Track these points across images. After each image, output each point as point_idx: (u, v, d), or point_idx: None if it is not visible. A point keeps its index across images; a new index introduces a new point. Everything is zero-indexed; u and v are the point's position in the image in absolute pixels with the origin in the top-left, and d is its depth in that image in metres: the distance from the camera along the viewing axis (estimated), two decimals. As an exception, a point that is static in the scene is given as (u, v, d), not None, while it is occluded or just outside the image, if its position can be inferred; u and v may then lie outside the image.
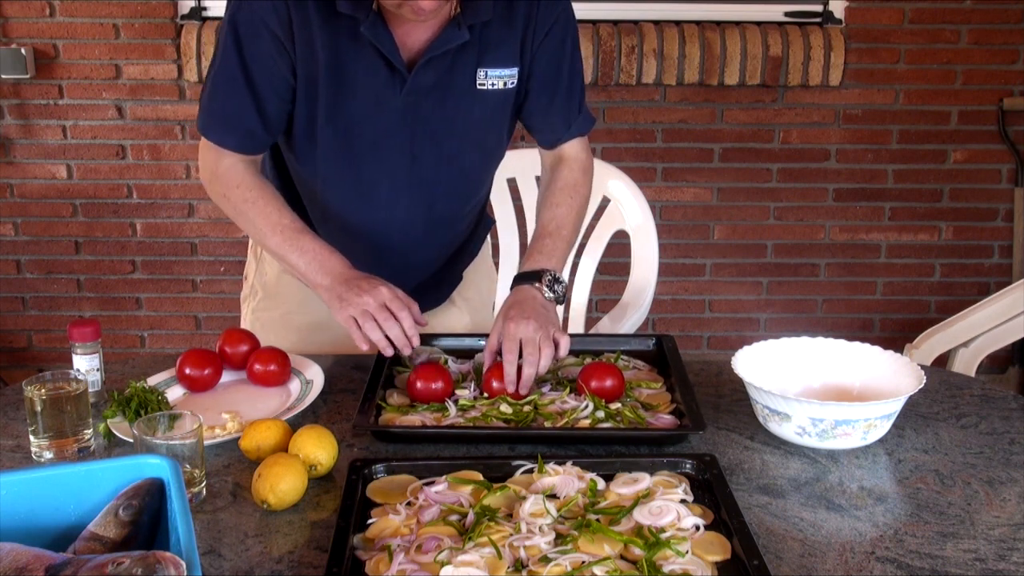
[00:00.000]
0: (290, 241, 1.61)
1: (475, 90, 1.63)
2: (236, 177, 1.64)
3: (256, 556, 1.15)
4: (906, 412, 1.44)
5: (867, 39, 3.27)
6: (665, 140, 3.35)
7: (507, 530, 1.12)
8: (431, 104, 1.62)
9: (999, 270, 3.48)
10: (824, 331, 1.61)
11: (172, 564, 0.86)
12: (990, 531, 1.19)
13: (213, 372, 1.58)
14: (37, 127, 3.32)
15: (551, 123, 1.76)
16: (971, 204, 3.42)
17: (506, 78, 1.64)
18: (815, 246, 3.45)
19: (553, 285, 1.62)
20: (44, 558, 0.91)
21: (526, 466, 1.28)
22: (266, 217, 1.63)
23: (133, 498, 0.99)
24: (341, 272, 1.58)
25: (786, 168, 3.38)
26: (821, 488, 1.29)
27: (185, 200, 3.39)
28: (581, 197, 1.76)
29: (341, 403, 1.54)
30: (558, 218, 1.72)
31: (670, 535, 1.12)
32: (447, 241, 1.83)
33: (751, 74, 3.23)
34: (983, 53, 3.29)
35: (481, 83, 1.63)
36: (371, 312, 1.52)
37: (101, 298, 3.48)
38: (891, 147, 3.37)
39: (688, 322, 3.52)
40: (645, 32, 3.20)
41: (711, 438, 1.43)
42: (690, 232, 3.43)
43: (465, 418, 1.45)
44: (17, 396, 1.51)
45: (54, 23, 3.24)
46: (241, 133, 1.63)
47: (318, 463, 1.29)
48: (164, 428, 1.26)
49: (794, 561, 1.13)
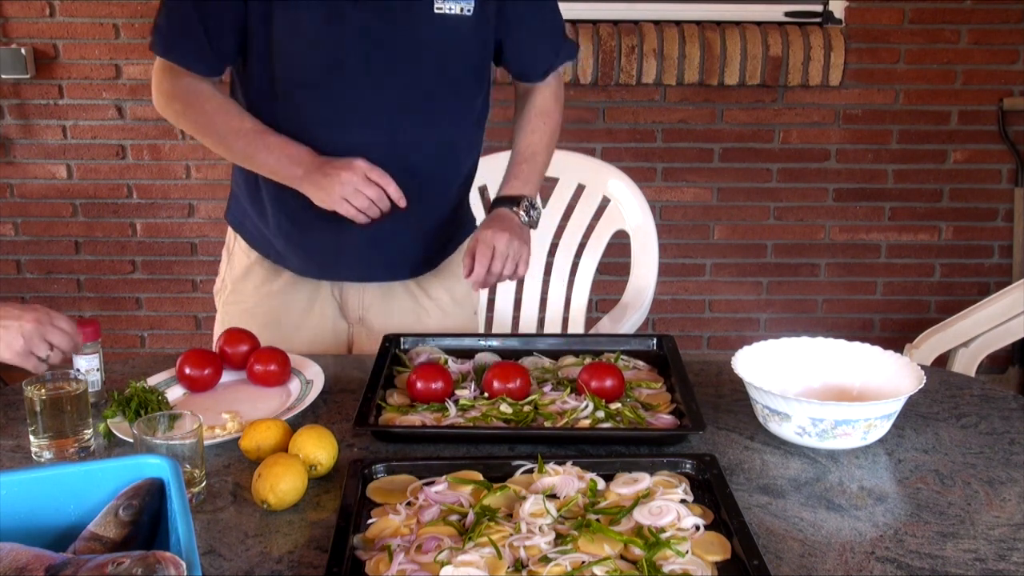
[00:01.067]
0: (255, 142, 1.65)
1: (432, 14, 1.64)
2: (195, 92, 1.67)
3: (256, 556, 1.15)
4: (906, 412, 1.44)
5: (867, 39, 3.27)
6: (665, 140, 3.35)
7: (507, 530, 1.12)
8: (387, 24, 1.62)
9: (999, 270, 3.48)
10: (824, 331, 1.61)
11: (172, 564, 0.86)
12: (990, 531, 1.19)
13: (213, 372, 1.58)
14: (37, 127, 3.32)
15: (538, 53, 1.80)
16: (971, 204, 3.43)
17: (462, 4, 1.66)
18: (815, 246, 3.45)
19: (529, 210, 1.77)
20: (44, 558, 0.91)
21: (526, 466, 1.28)
22: (228, 124, 1.66)
23: (133, 498, 0.99)
24: (311, 160, 1.62)
25: (786, 168, 3.38)
26: (821, 488, 1.29)
27: (185, 200, 3.39)
28: (554, 123, 1.86)
29: (341, 403, 1.54)
30: (534, 144, 1.83)
31: (670, 535, 1.12)
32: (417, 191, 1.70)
33: (751, 74, 3.23)
34: (983, 53, 3.29)
35: (439, 7, 1.64)
36: (358, 188, 1.58)
37: (101, 298, 3.48)
38: (891, 147, 3.37)
39: (688, 322, 3.52)
40: (645, 32, 3.20)
41: (711, 438, 1.42)
42: (690, 232, 3.43)
43: (465, 418, 1.45)
44: (17, 396, 1.50)
45: (54, 23, 3.24)
46: (197, 50, 1.64)
47: (318, 463, 1.29)
48: (164, 428, 1.26)
49: (794, 561, 1.13)
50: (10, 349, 1.34)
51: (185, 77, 1.66)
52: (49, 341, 1.36)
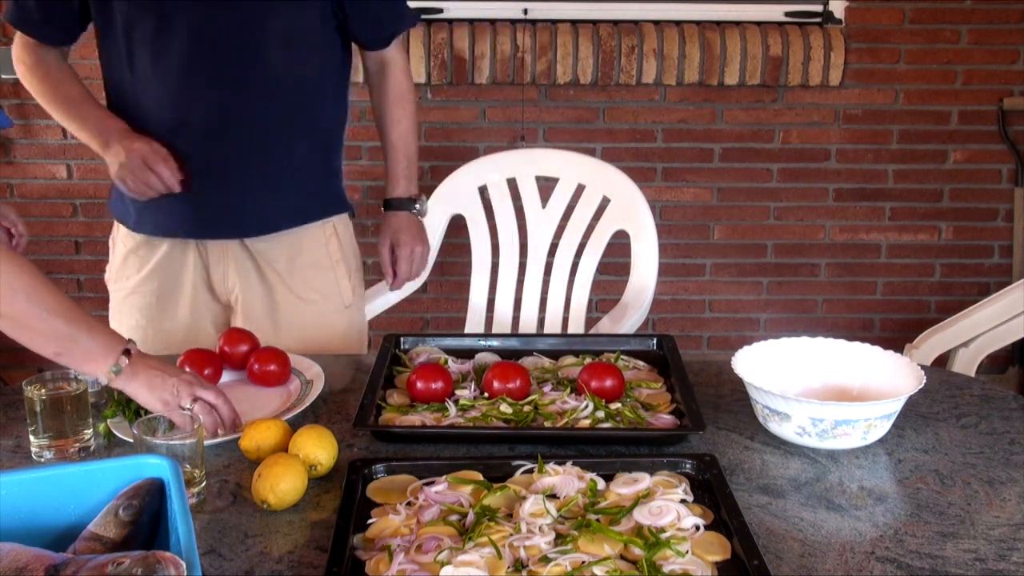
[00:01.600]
0: (78, 110, 1.78)
1: None
2: (44, 63, 1.82)
3: (256, 556, 1.15)
4: (906, 412, 1.44)
5: (867, 39, 3.27)
6: (665, 140, 3.35)
7: (507, 530, 1.12)
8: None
9: (999, 270, 3.48)
10: (824, 331, 1.61)
11: (172, 564, 0.86)
12: (990, 531, 1.19)
13: (213, 372, 1.58)
14: (37, 127, 3.32)
15: (376, 18, 1.87)
16: (971, 204, 3.42)
17: None
18: (815, 246, 3.45)
19: (422, 208, 2.00)
20: (44, 558, 0.91)
21: (526, 466, 1.28)
22: (64, 92, 1.80)
23: (133, 498, 0.99)
24: (112, 134, 1.72)
25: (786, 168, 3.38)
26: (821, 488, 1.29)
27: (185, 200, 3.39)
28: (412, 106, 1.99)
29: (341, 403, 1.54)
30: (405, 136, 1.98)
31: (670, 535, 1.12)
32: (261, 150, 1.81)
33: (751, 74, 3.23)
34: (983, 53, 3.29)
35: None
36: (133, 171, 1.68)
37: (101, 298, 3.47)
38: (891, 147, 3.37)
39: (688, 322, 3.52)
40: (645, 32, 3.20)
41: (711, 438, 1.43)
42: (690, 232, 3.43)
43: (465, 418, 1.45)
44: (17, 396, 1.51)
45: (54, 23, 3.23)
46: (43, 21, 1.78)
47: (318, 463, 1.29)
48: (164, 428, 1.26)
49: (794, 561, 1.13)
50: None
51: (38, 48, 1.81)
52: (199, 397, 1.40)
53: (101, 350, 1.36)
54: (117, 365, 1.35)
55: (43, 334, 1.32)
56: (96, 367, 1.35)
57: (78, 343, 1.34)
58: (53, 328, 1.32)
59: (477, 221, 2.36)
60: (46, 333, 1.32)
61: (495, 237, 2.37)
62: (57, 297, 1.33)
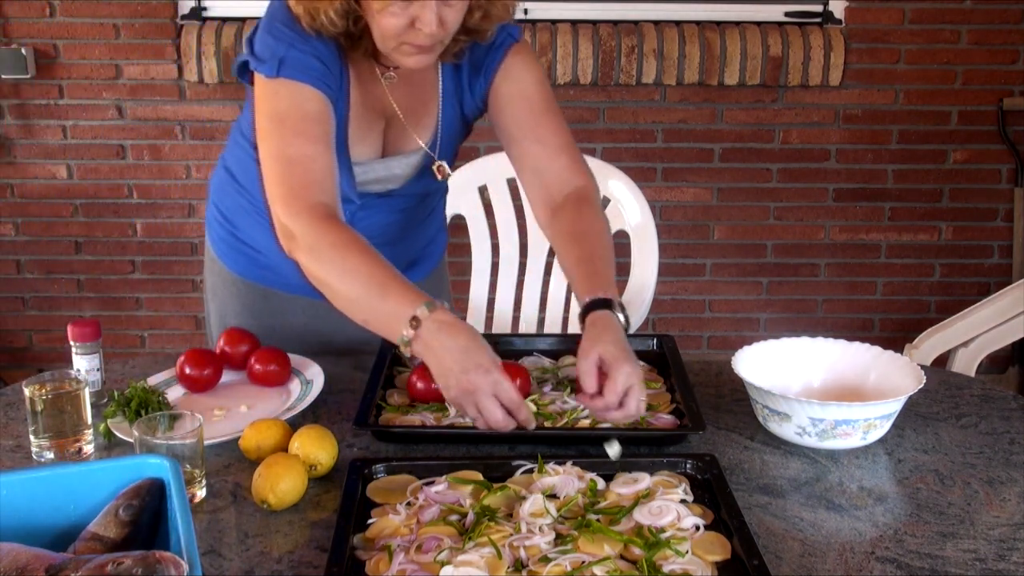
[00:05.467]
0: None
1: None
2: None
3: (256, 556, 1.15)
4: (906, 412, 1.44)
5: (867, 39, 3.27)
6: (665, 140, 3.35)
7: (507, 530, 1.12)
8: None
9: (999, 270, 3.48)
10: (824, 331, 1.61)
11: (172, 564, 0.86)
12: (990, 531, 1.19)
13: (213, 372, 1.58)
14: (37, 127, 3.32)
15: None
16: (971, 204, 3.43)
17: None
18: (815, 246, 3.45)
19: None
20: (44, 558, 0.91)
21: (526, 466, 1.28)
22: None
23: (133, 498, 0.99)
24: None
25: (786, 168, 3.38)
26: (821, 488, 1.29)
27: (185, 200, 3.39)
28: None
29: (341, 403, 1.54)
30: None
31: (670, 535, 1.12)
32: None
33: (751, 74, 3.23)
34: (983, 53, 3.29)
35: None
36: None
37: (101, 298, 3.49)
38: (891, 147, 3.37)
39: (688, 322, 3.52)
40: (645, 32, 3.20)
41: (711, 438, 1.42)
42: (690, 232, 3.43)
43: (465, 418, 1.44)
44: (17, 396, 1.51)
45: (54, 23, 3.24)
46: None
47: (318, 463, 1.29)
48: (164, 428, 1.26)
49: (794, 561, 1.13)
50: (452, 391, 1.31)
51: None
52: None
53: (393, 317, 1.29)
54: (403, 336, 1.28)
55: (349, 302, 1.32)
56: (393, 337, 1.31)
57: (375, 309, 1.31)
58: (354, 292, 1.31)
59: (477, 221, 2.35)
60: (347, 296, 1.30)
61: (495, 237, 2.36)
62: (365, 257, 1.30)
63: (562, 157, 1.61)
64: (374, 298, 1.35)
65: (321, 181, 1.44)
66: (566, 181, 1.61)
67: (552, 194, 1.61)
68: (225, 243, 1.80)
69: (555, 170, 1.61)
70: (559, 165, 1.61)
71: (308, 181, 1.43)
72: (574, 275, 1.53)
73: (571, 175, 1.61)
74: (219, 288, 1.84)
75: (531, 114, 1.62)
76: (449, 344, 1.30)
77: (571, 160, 1.62)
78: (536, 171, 1.63)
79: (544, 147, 1.61)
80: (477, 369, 1.29)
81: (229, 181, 1.75)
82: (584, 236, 1.56)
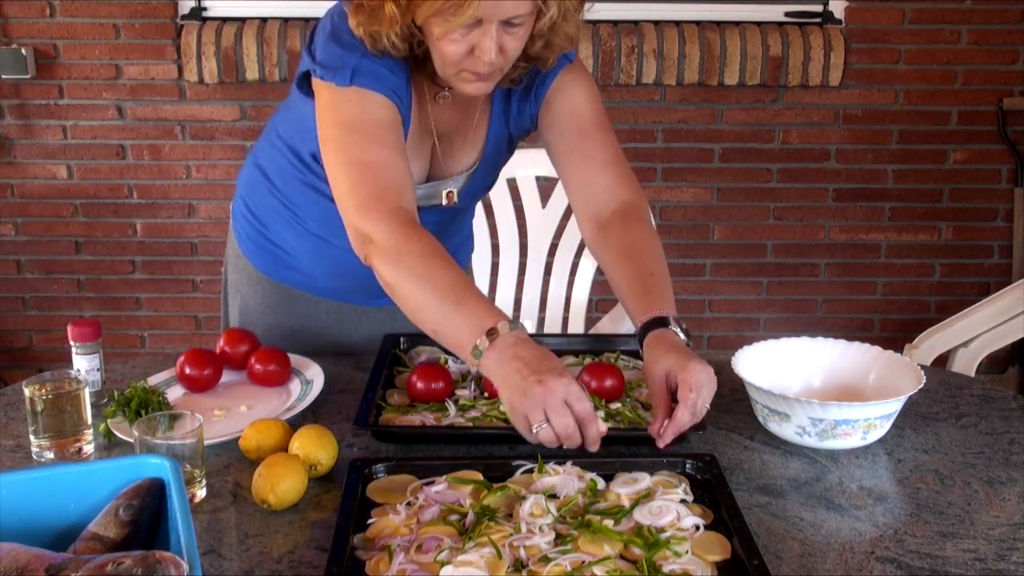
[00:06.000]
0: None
1: None
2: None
3: (256, 556, 1.15)
4: (906, 412, 1.44)
5: (867, 39, 3.27)
6: (665, 140, 3.35)
7: (507, 530, 1.12)
8: None
9: (999, 270, 3.48)
10: (824, 331, 1.61)
11: (172, 564, 0.86)
12: (990, 531, 1.19)
13: (213, 372, 1.58)
14: (37, 127, 3.32)
15: None
16: (971, 204, 3.43)
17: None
18: (815, 246, 3.45)
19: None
20: (44, 558, 0.91)
21: (526, 466, 1.28)
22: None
23: (133, 498, 0.99)
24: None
25: (786, 168, 3.38)
26: (821, 488, 1.29)
27: (185, 200, 3.39)
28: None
29: (341, 403, 1.54)
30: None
31: (670, 535, 1.12)
32: None
33: (751, 74, 3.23)
34: (983, 53, 3.29)
35: None
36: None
37: (101, 298, 3.49)
38: (891, 147, 3.37)
39: (688, 322, 3.51)
40: (645, 32, 3.20)
41: (711, 438, 1.42)
42: (690, 232, 3.43)
43: (465, 418, 1.44)
44: (17, 396, 1.51)
45: (54, 23, 3.24)
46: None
47: (318, 463, 1.29)
48: (164, 428, 1.26)
49: (794, 561, 1.13)
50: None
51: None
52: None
53: (468, 327, 1.26)
54: (477, 346, 1.25)
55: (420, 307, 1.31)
56: (463, 353, 1.27)
57: (448, 318, 1.28)
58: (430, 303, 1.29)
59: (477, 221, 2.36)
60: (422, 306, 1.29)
61: (495, 237, 2.36)
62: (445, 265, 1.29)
63: (608, 171, 1.57)
64: (448, 305, 1.31)
65: (399, 186, 1.40)
66: (613, 196, 1.56)
67: (599, 209, 1.56)
68: (252, 241, 1.78)
69: (601, 185, 1.56)
70: (606, 180, 1.56)
71: (386, 186, 1.39)
72: (626, 296, 1.49)
73: (618, 189, 1.56)
74: (243, 284, 1.82)
75: (579, 130, 1.58)
76: (524, 354, 1.25)
77: (618, 174, 1.57)
78: (582, 186, 1.58)
79: (591, 162, 1.57)
80: (551, 372, 1.23)
81: (261, 180, 1.73)
82: (634, 252, 1.51)
